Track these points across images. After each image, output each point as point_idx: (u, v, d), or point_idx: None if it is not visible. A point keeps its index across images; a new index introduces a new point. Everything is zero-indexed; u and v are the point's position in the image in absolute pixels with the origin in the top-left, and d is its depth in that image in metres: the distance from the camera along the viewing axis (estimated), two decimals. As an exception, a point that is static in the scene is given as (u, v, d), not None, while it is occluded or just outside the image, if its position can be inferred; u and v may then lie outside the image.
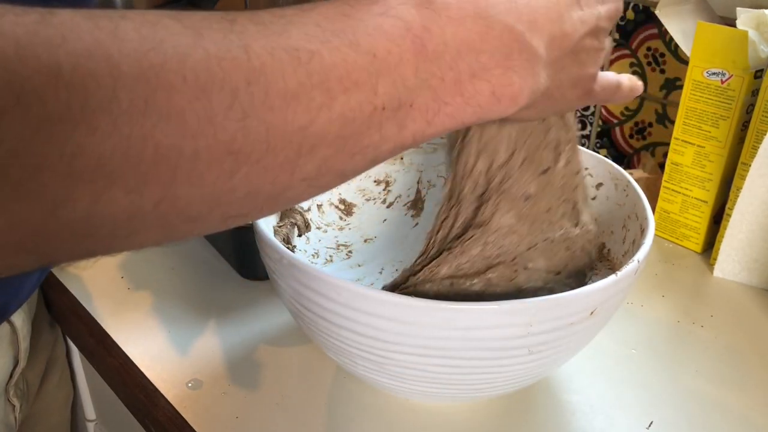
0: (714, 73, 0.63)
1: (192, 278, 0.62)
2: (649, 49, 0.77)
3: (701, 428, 0.49)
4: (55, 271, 0.62)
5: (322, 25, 0.25)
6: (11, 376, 0.56)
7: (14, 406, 0.57)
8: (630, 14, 0.77)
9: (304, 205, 0.55)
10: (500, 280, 0.40)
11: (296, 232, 0.53)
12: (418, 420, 0.48)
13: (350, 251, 0.58)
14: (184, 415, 0.48)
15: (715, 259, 0.66)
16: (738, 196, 0.62)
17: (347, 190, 0.58)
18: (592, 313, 0.40)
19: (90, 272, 0.62)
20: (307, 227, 0.53)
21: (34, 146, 0.19)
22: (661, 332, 0.58)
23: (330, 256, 0.56)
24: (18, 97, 0.19)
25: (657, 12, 0.67)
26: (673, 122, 0.76)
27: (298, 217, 0.52)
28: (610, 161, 0.53)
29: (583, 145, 0.86)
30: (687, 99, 0.65)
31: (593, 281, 0.40)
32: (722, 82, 0.62)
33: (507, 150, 0.39)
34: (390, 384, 0.44)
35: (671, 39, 0.74)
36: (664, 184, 0.69)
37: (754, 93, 0.63)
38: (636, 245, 0.45)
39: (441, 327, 0.37)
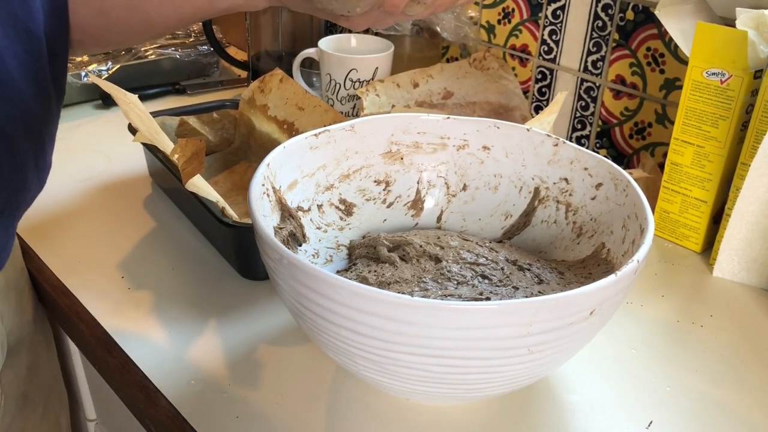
0: (713, 74, 0.63)
1: (192, 278, 0.62)
2: (648, 49, 0.77)
3: (701, 428, 0.49)
4: (56, 271, 0.62)
5: None
6: None
7: None
8: (630, 14, 0.77)
9: (304, 205, 0.55)
10: None
11: (296, 244, 0.53)
12: (418, 420, 0.48)
13: (350, 251, 0.58)
14: (184, 415, 0.48)
15: (714, 259, 0.66)
16: (737, 196, 0.62)
17: (347, 190, 0.58)
18: (591, 313, 0.40)
19: (90, 272, 0.62)
20: (305, 238, 0.54)
21: None
22: (660, 332, 0.58)
23: (330, 256, 0.56)
24: None
25: (656, 12, 0.67)
26: (672, 122, 0.76)
27: (297, 227, 0.53)
28: (609, 161, 0.53)
29: (582, 145, 0.86)
30: (686, 99, 0.65)
31: (593, 281, 0.40)
32: (722, 83, 0.62)
33: None
34: (390, 384, 0.44)
35: (671, 39, 0.74)
36: (663, 184, 0.69)
37: (754, 93, 0.63)
38: (636, 245, 0.45)
39: (441, 327, 0.38)
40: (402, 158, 0.60)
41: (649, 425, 0.49)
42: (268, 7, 0.58)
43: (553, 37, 0.85)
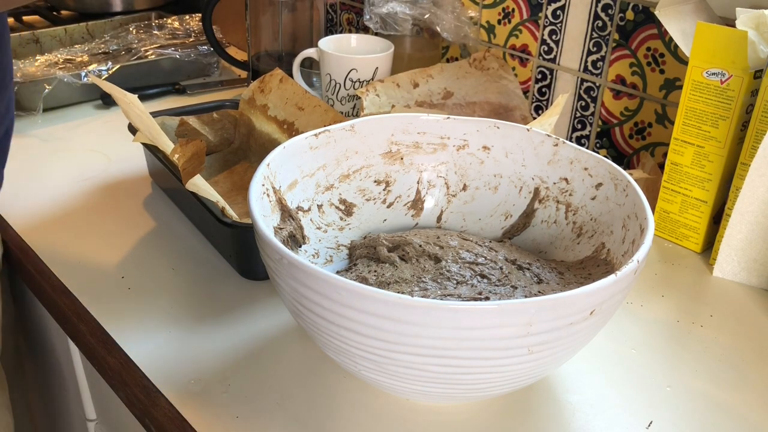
0: (713, 74, 0.63)
1: (192, 278, 0.62)
2: (648, 49, 0.77)
3: (701, 428, 0.49)
4: (56, 270, 0.62)
5: None
6: None
7: None
8: (630, 14, 0.77)
9: (304, 205, 0.55)
10: None
11: (296, 244, 0.53)
12: (418, 420, 0.48)
13: (350, 251, 0.58)
14: (184, 415, 0.48)
15: (714, 259, 0.66)
16: (737, 196, 0.62)
17: (347, 190, 0.58)
18: (592, 313, 0.40)
19: (90, 272, 0.62)
20: (304, 238, 0.54)
21: None
22: (660, 332, 0.58)
23: (330, 256, 0.56)
24: None
25: (656, 12, 0.67)
26: (672, 122, 0.76)
27: (297, 228, 0.53)
28: (609, 161, 0.53)
29: (582, 145, 0.86)
30: (686, 99, 0.65)
31: (593, 281, 0.40)
32: (722, 83, 0.62)
33: None
34: (390, 384, 0.44)
35: (671, 39, 0.74)
36: (663, 184, 0.69)
37: (754, 93, 0.63)
38: (636, 245, 0.45)
39: (441, 327, 0.38)
40: (402, 158, 0.60)
41: (649, 425, 0.49)
42: (268, 7, 0.55)
43: (553, 37, 0.85)
